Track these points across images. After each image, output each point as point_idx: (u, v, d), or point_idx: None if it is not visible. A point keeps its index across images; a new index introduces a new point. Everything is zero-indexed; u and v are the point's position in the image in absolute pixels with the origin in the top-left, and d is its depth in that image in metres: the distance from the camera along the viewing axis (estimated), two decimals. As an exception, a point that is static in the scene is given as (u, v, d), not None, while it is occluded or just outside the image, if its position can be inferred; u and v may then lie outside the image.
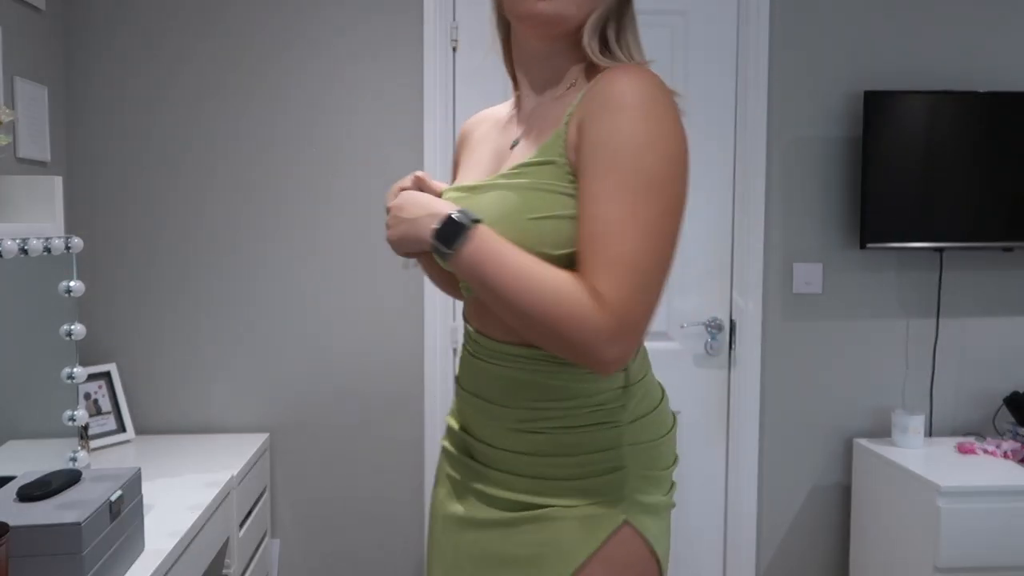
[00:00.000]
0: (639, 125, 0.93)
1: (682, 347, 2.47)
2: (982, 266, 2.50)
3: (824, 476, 2.52)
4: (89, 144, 2.28)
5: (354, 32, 2.32)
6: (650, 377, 1.15)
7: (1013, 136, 2.35)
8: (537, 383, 1.06)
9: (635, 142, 0.93)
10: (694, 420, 2.48)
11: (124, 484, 1.35)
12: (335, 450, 2.39)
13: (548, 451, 1.06)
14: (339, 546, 2.41)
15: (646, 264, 0.93)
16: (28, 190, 1.66)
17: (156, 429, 2.33)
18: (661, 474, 1.10)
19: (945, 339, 2.50)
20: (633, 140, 0.93)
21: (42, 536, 1.18)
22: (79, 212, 2.28)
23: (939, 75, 2.44)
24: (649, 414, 1.10)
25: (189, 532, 1.57)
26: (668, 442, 1.13)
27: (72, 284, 1.58)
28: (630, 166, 0.93)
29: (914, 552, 2.13)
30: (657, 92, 0.97)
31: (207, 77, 2.30)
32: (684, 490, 2.50)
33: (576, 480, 1.05)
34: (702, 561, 2.51)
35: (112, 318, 2.31)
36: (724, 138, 2.44)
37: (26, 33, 2.04)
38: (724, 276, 2.47)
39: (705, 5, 2.41)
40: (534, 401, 1.06)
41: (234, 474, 1.94)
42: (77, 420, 1.61)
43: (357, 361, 2.36)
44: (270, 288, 2.35)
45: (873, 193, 2.35)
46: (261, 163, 2.33)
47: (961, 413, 2.53)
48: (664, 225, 0.94)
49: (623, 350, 0.94)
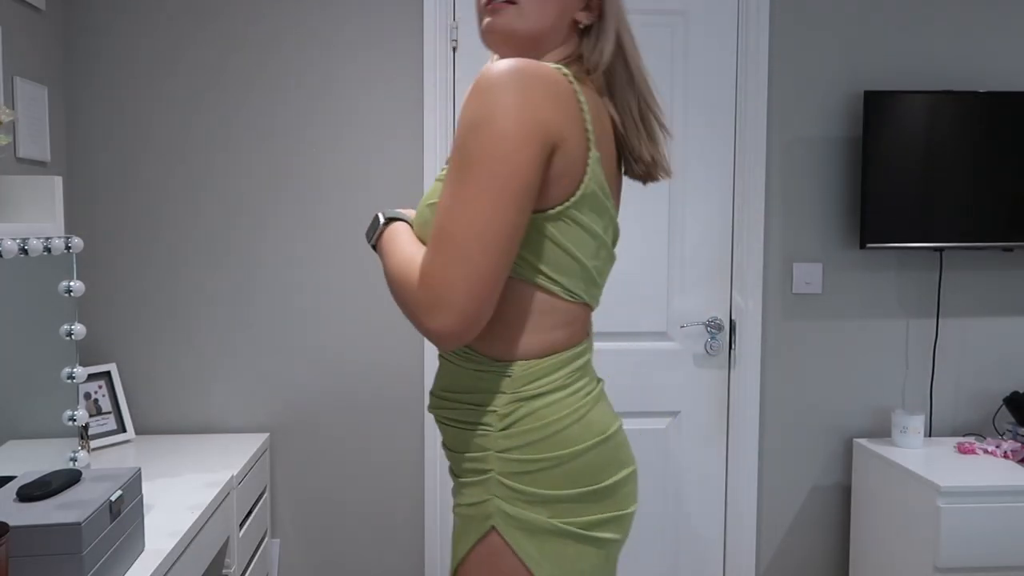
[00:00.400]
0: (471, 110, 0.98)
1: (682, 347, 2.47)
2: (982, 266, 2.50)
3: (824, 476, 2.52)
4: (89, 144, 2.28)
5: (354, 33, 2.32)
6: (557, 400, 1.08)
7: (1013, 136, 2.35)
8: (451, 374, 1.14)
9: (464, 126, 0.98)
10: (694, 420, 2.48)
11: (124, 484, 1.35)
12: (335, 450, 2.39)
13: (450, 446, 1.15)
14: (339, 546, 2.41)
15: (461, 240, 0.96)
16: (28, 190, 1.66)
17: (156, 429, 2.33)
18: (548, 494, 1.07)
19: (945, 339, 2.50)
20: (463, 124, 0.99)
21: (42, 536, 1.17)
22: (79, 212, 2.28)
23: (939, 75, 2.44)
24: (533, 428, 1.07)
25: (189, 532, 1.57)
26: (568, 470, 1.07)
27: (72, 284, 1.58)
28: (458, 148, 0.99)
29: (914, 552, 2.13)
30: (505, 76, 0.97)
31: (207, 77, 2.30)
32: (684, 490, 2.50)
33: (463, 478, 1.12)
34: (702, 561, 2.51)
35: (112, 318, 2.31)
36: (724, 138, 2.44)
37: (26, 33, 2.04)
38: (724, 276, 2.47)
39: (705, 5, 2.41)
40: (444, 391, 1.15)
41: (234, 474, 1.94)
42: (77, 420, 1.61)
43: (357, 361, 2.36)
44: (270, 288, 2.35)
45: (873, 193, 2.35)
46: (261, 163, 2.33)
47: (961, 413, 2.54)
48: (482, 202, 0.96)
49: (443, 323, 0.98)
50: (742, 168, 2.43)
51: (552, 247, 1.05)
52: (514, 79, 0.97)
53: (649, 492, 2.48)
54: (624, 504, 1.14)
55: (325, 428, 2.39)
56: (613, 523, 1.12)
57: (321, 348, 2.36)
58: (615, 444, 1.14)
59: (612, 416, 1.16)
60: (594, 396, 1.13)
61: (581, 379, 1.12)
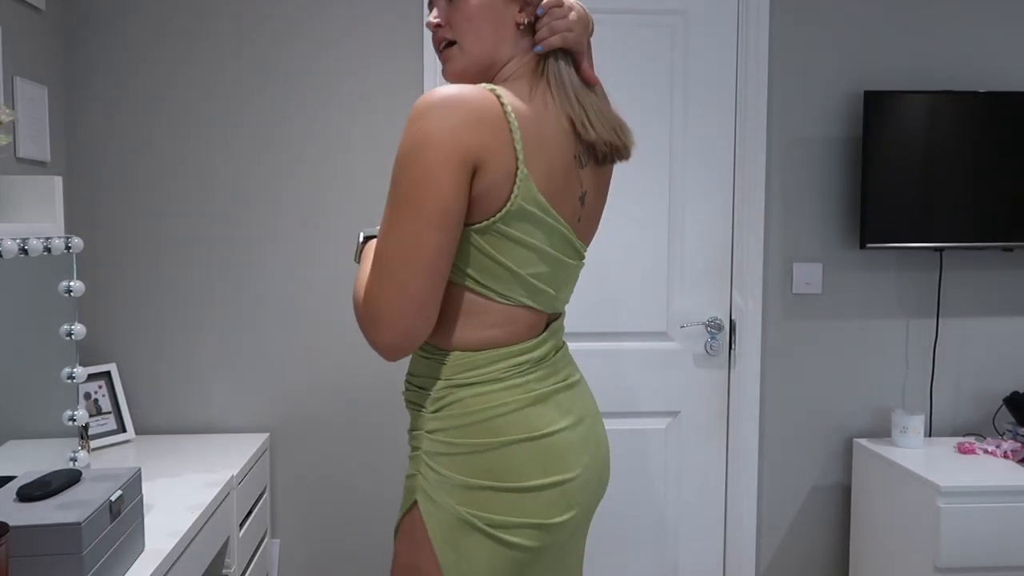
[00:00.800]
0: (401, 140, 1.07)
1: (682, 347, 2.47)
2: (982, 266, 2.50)
3: (824, 476, 2.52)
4: (89, 144, 2.28)
5: (357, 34, 2.32)
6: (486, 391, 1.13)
7: (1013, 136, 2.35)
8: (412, 360, 1.24)
9: (396, 156, 1.08)
10: (694, 420, 2.48)
11: (124, 484, 1.35)
12: (335, 450, 2.39)
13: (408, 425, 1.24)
14: (339, 546, 2.41)
15: (390, 262, 1.06)
16: (28, 190, 1.66)
17: (156, 429, 2.33)
18: (459, 479, 1.12)
19: (945, 339, 2.50)
20: (397, 154, 1.08)
21: (42, 536, 1.17)
22: (79, 212, 2.28)
23: (939, 75, 2.44)
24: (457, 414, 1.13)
25: (189, 532, 1.57)
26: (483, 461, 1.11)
27: (72, 284, 1.58)
28: (392, 177, 1.08)
29: (914, 552, 2.13)
30: (427, 106, 1.06)
31: (207, 77, 2.30)
32: (684, 490, 2.50)
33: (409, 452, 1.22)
34: (702, 561, 2.51)
35: (112, 318, 2.31)
36: (724, 138, 2.44)
37: (26, 33, 2.04)
38: (724, 276, 2.47)
39: (705, 5, 2.41)
40: (407, 375, 1.24)
41: (234, 474, 1.94)
42: (77, 420, 1.61)
43: (357, 361, 2.36)
44: (271, 288, 2.35)
45: (873, 193, 2.35)
46: (261, 163, 2.33)
47: (961, 413, 2.54)
48: (407, 227, 1.05)
49: (381, 337, 1.08)
50: (742, 168, 2.43)
51: (480, 256, 1.12)
52: (435, 108, 1.05)
53: (649, 492, 2.48)
54: (546, 512, 1.14)
55: (325, 428, 2.39)
56: (528, 529, 1.13)
57: (321, 348, 2.36)
58: (547, 447, 1.14)
59: (556, 419, 1.16)
60: (536, 395, 1.16)
61: (522, 376, 1.16)
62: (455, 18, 1.18)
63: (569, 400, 1.22)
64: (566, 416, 1.19)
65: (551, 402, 1.18)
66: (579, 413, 1.23)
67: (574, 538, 1.25)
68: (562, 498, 1.15)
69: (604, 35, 2.38)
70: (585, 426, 1.23)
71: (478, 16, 1.16)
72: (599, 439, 1.27)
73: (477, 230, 1.10)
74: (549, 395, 1.18)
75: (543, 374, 1.19)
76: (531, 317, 1.18)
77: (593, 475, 1.23)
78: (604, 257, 2.37)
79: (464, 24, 1.17)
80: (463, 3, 1.17)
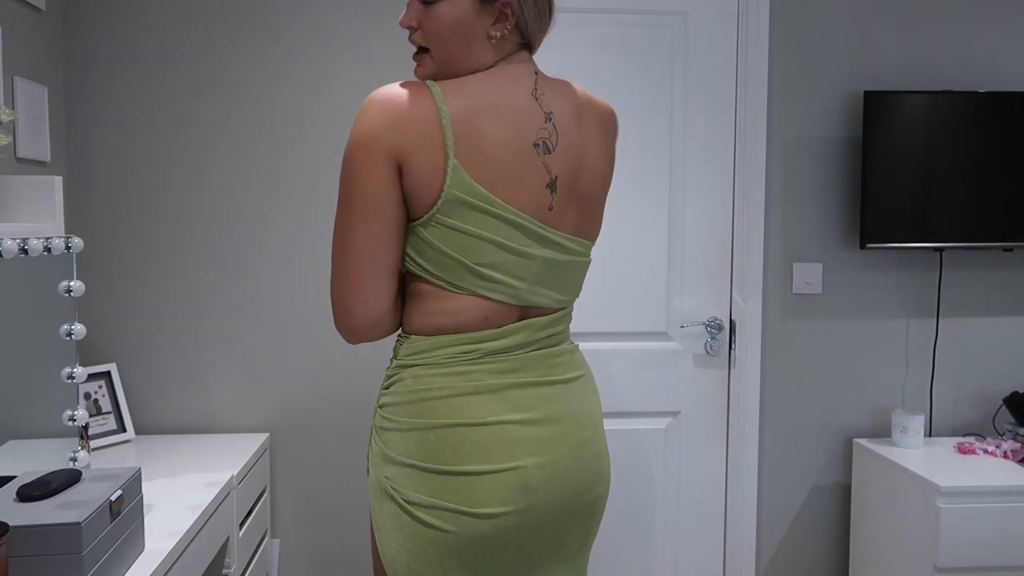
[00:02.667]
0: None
1: (682, 347, 2.47)
2: (982, 266, 2.50)
3: (824, 476, 2.52)
4: (89, 144, 2.28)
5: (354, 31, 2.32)
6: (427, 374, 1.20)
7: (1013, 136, 2.35)
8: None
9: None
10: (694, 420, 2.48)
11: (124, 484, 1.35)
12: (335, 450, 2.39)
13: None
14: (339, 546, 2.41)
15: (335, 254, 1.18)
16: (28, 190, 1.66)
17: (156, 429, 2.33)
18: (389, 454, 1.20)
19: (945, 339, 2.50)
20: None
21: (42, 536, 1.17)
22: (79, 212, 2.28)
23: (939, 75, 2.44)
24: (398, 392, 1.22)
25: (189, 532, 1.57)
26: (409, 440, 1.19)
27: (72, 284, 1.58)
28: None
29: (914, 552, 2.13)
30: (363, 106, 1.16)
31: (207, 77, 2.30)
32: (684, 490, 2.50)
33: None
34: (702, 561, 2.51)
35: (112, 318, 2.31)
36: (724, 138, 2.44)
37: (26, 33, 2.04)
38: (724, 276, 2.47)
39: (705, 5, 2.41)
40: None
41: (234, 474, 1.94)
42: (77, 420, 1.61)
43: (357, 361, 2.36)
44: (271, 288, 2.35)
45: (873, 193, 2.35)
46: (261, 163, 2.33)
47: (961, 413, 2.54)
48: (342, 219, 1.17)
49: (335, 320, 1.20)
50: (742, 168, 2.43)
51: (429, 249, 1.18)
52: (370, 108, 1.14)
53: (649, 492, 2.48)
54: (472, 501, 1.15)
55: (325, 428, 2.38)
56: (448, 514, 1.16)
57: (321, 348, 2.36)
58: (480, 437, 1.16)
59: (499, 411, 1.17)
60: (481, 385, 1.18)
61: (470, 364, 1.18)
62: (427, 27, 1.19)
63: (531, 398, 1.20)
64: (517, 411, 1.18)
65: (500, 395, 1.19)
66: (544, 412, 1.21)
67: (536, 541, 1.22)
68: (493, 493, 1.16)
69: (604, 35, 2.40)
70: (549, 428, 1.21)
71: (450, 30, 1.18)
72: (576, 443, 1.24)
73: (420, 224, 1.16)
74: (500, 388, 1.19)
75: (501, 367, 1.19)
76: (487, 307, 1.19)
77: (552, 480, 1.20)
78: (604, 257, 2.36)
79: (435, 36, 1.19)
80: (436, 14, 1.18)
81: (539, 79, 1.24)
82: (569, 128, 1.23)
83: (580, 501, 1.26)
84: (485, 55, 1.20)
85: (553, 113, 1.21)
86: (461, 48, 1.19)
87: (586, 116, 1.28)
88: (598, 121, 1.30)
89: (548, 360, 1.25)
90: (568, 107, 1.24)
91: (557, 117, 1.22)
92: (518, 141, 1.17)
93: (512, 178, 1.17)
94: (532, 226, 1.19)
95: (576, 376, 1.29)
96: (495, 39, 1.19)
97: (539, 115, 1.20)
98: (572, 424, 1.25)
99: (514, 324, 1.22)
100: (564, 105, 1.24)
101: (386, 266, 1.17)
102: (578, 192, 1.26)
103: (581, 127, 1.26)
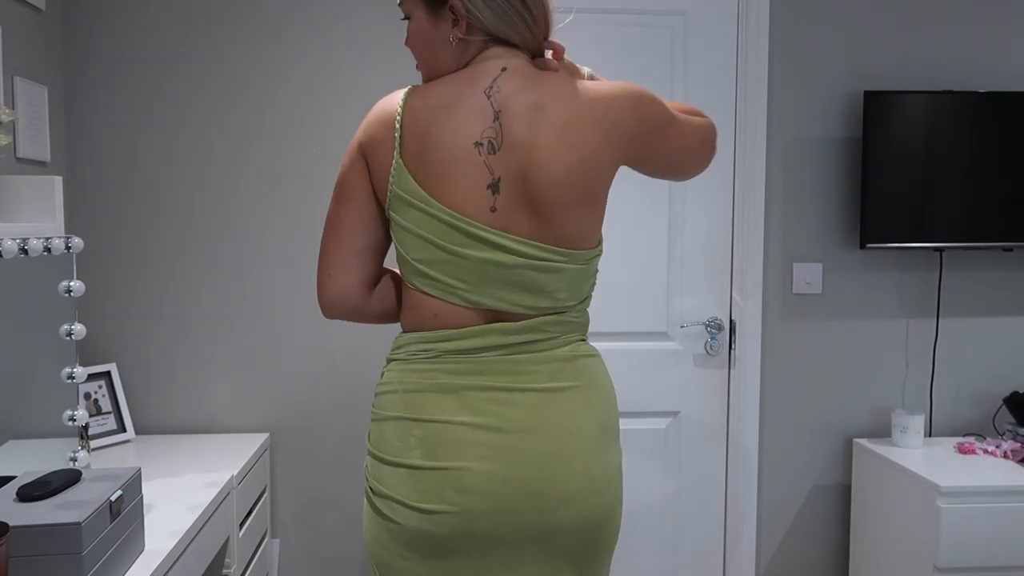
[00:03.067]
0: None
1: (682, 347, 2.47)
2: (982, 266, 2.50)
3: (824, 476, 2.52)
4: (89, 144, 2.28)
5: (354, 30, 2.32)
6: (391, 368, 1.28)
7: (1013, 136, 2.35)
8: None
9: None
10: (694, 420, 2.48)
11: (124, 484, 1.35)
12: (335, 450, 2.39)
13: None
14: (339, 546, 2.41)
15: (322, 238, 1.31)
16: (28, 190, 1.66)
17: (156, 429, 2.33)
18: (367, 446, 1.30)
19: (945, 339, 2.50)
20: None
21: (42, 536, 1.18)
22: (79, 212, 2.28)
23: (939, 75, 2.44)
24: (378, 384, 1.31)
25: (189, 532, 1.57)
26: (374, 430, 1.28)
27: (72, 284, 1.58)
28: None
29: (914, 552, 2.13)
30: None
31: (207, 77, 2.30)
32: (684, 490, 2.50)
33: None
34: (702, 561, 2.51)
35: (112, 318, 2.31)
36: (724, 138, 2.44)
37: (26, 33, 2.04)
38: (724, 276, 2.47)
39: (705, 5, 2.41)
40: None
41: (234, 474, 1.94)
42: (77, 420, 1.61)
43: (357, 361, 2.36)
44: (271, 288, 2.34)
45: (873, 193, 2.35)
46: (261, 162, 2.32)
47: (961, 413, 2.54)
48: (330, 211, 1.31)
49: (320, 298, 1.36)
50: (742, 168, 2.43)
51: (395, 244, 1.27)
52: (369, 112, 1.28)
53: (649, 492, 2.48)
54: (413, 495, 1.19)
55: (325, 428, 2.38)
56: (396, 505, 1.21)
57: (321, 348, 2.36)
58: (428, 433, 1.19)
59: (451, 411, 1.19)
60: (435, 384, 1.21)
61: (428, 362, 1.22)
62: (408, 42, 1.31)
63: (490, 403, 1.18)
64: (472, 414, 1.18)
65: (456, 396, 1.20)
66: (504, 419, 1.17)
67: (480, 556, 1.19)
68: (432, 485, 1.18)
69: (604, 35, 2.40)
70: (508, 437, 1.17)
71: (415, 42, 1.28)
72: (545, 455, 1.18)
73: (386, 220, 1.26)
74: (457, 389, 1.20)
75: (460, 368, 1.21)
76: (435, 305, 1.23)
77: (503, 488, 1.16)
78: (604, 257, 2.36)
79: (412, 48, 1.30)
80: (408, 31, 1.29)
81: (504, 76, 1.19)
82: (518, 127, 1.16)
83: (540, 520, 1.18)
84: (452, 58, 1.25)
85: (503, 111, 1.16)
86: (431, 55, 1.27)
87: (551, 113, 1.17)
88: (584, 116, 1.18)
89: (521, 366, 1.20)
90: (526, 104, 1.17)
91: (506, 115, 1.16)
92: (461, 141, 1.17)
93: (449, 178, 1.18)
94: (468, 227, 1.17)
95: (565, 387, 1.22)
96: (454, 41, 1.23)
97: (488, 113, 1.17)
98: (543, 436, 1.18)
99: (479, 327, 1.21)
100: (521, 102, 1.17)
101: (351, 245, 1.26)
102: (530, 194, 1.17)
103: (535, 126, 1.16)
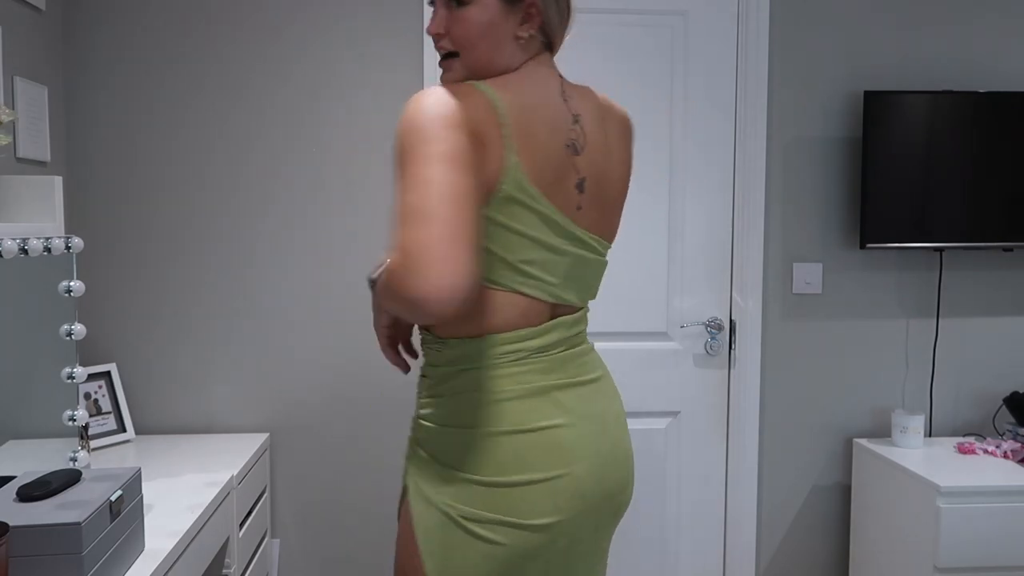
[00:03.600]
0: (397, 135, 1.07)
1: (682, 347, 2.47)
2: (982, 266, 2.50)
3: (824, 476, 2.52)
4: (89, 144, 2.28)
5: (354, 30, 2.32)
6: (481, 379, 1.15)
7: (1013, 136, 2.35)
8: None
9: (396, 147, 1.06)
10: (694, 420, 2.48)
11: (124, 484, 1.35)
12: (335, 450, 2.39)
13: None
14: (339, 546, 2.41)
15: (407, 209, 0.99)
16: (28, 190, 1.66)
17: (156, 429, 2.33)
18: (456, 475, 1.14)
19: (945, 339, 2.50)
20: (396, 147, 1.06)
21: (42, 536, 1.17)
22: (79, 212, 2.28)
23: (939, 75, 2.44)
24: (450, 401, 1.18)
25: (189, 532, 1.57)
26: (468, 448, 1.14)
27: (72, 284, 1.58)
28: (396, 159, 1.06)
29: (914, 552, 2.13)
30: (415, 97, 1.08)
31: (207, 77, 2.30)
32: (684, 490, 2.50)
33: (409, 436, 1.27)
34: (702, 561, 2.51)
35: (112, 318, 2.31)
36: (724, 138, 2.44)
37: (26, 33, 2.04)
38: (724, 276, 2.47)
39: (705, 5, 2.41)
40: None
41: (234, 474, 1.94)
42: (77, 420, 1.61)
43: (358, 361, 2.36)
44: (271, 288, 2.34)
45: (873, 193, 2.35)
46: (261, 163, 2.32)
47: (961, 413, 2.54)
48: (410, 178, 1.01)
49: (422, 282, 0.97)
50: (742, 168, 2.43)
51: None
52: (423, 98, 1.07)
53: (649, 492, 2.48)
54: (525, 513, 1.13)
55: (325, 428, 2.38)
56: (504, 528, 1.13)
57: (321, 348, 2.36)
58: (532, 442, 1.14)
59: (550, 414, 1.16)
60: (531, 388, 1.16)
61: (518, 364, 1.16)
62: (455, 31, 1.18)
63: (571, 399, 1.20)
64: (563, 414, 1.18)
65: (548, 397, 1.17)
66: (582, 413, 1.20)
67: (579, 544, 1.22)
68: (546, 498, 1.14)
69: (604, 35, 2.40)
70: (587, 429, 1.20)
71: (479, 33, 1.16)
72: (610, 443, 1.24)
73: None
74: (548, 390, 1.17)
75: (543, 367, 1.18)
76: (523, 304, 1.18)
77: (599, 483, 1.20)
78: (604, 257, 2.37)
79: (464, 40, 1.17)
80: (463, 18, 1.16)
81: (563, 82, 1.25)
82: (594, 130, 1.24)
83: (618, 502, 1.27)
84: (513, 56, 1.19)
85: (580, 115, 1.22)
86: (490, 50, 1.17)
87: (608, 120, 1.29)
88: (619, 126, 1.32)
89: (579, 359, 1.25)
90: (592, 110, 1.25)
91: (584, 119, 1.22)
92: (555, 142, 1.18)
93: (553, 178, 1.18)
94: (567, 225, 1.20)
95: (599, 376, 1.28)
96: (523, 40, 1.19)
97: (568, 117, 1.20)
98: (605, 424, 1.24)
99: (550, 322, 1.21)
100: (589, 108, 1.25)
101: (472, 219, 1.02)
102: (601, 194, 1.26)
103: (605, 130, 1.27)
